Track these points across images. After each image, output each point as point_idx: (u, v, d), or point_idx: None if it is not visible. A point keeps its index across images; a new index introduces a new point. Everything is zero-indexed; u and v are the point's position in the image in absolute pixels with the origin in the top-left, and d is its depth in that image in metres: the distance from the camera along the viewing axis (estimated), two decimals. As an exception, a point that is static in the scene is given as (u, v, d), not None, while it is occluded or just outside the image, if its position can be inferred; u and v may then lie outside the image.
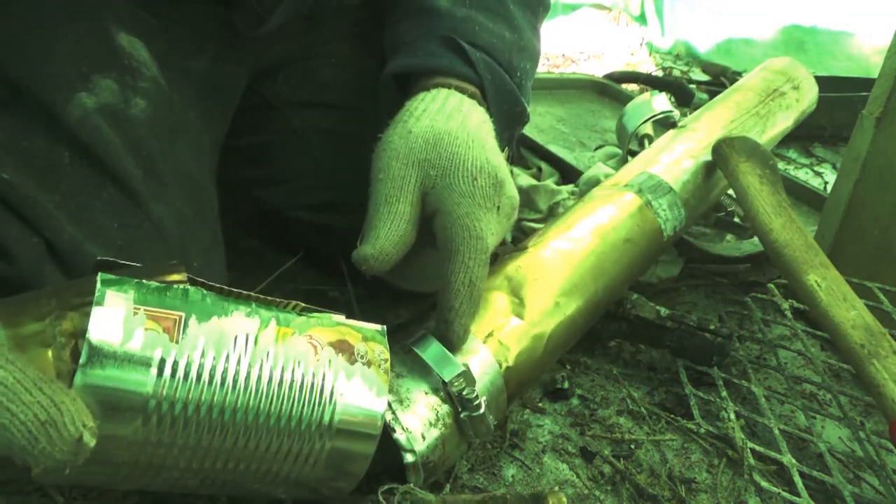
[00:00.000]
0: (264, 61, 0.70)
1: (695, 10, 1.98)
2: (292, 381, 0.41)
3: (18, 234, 0.47)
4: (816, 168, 1.28)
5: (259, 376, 0.40)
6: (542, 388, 0.65)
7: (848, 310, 0.57)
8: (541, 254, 0.60)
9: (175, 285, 0.40)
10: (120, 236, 0.50)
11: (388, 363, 0.44)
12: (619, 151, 1.01)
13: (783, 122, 0.85)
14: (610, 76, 1.47)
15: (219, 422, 0.39)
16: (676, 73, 1.88)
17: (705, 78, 1.78)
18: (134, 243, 0.50)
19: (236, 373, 0.39)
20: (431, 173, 0.50)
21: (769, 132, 0.83)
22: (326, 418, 0.42)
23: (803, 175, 1.24)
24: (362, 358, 0.43)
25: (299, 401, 0.41)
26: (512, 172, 0.93)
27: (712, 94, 1.12)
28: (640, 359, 0.71)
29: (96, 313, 0.37)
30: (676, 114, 0.92)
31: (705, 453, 0.59)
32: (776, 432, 0.59)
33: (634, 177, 0.71)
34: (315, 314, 0.44)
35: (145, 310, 0.38)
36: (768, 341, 0.71)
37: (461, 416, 0.49)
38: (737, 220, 0.95)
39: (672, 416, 0.63)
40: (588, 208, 0.67)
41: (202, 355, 0.39)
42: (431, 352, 0.50)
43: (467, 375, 0.49)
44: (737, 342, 0.71)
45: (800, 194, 1.03)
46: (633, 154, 0.87)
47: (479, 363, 0.51)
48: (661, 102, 0.92)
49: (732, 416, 0.61)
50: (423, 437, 0.47)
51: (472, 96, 0.55)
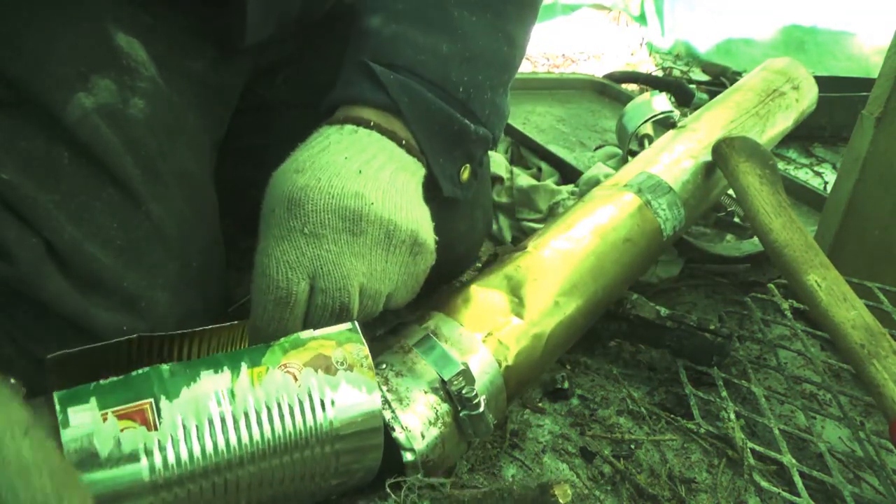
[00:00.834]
0: (263, 62, 0.70)
1: (695, 10, 1.98)
2: (282, 414, 0.41)
3: (18, 234, 0.47)
4: (816, 168, 1.28)
5: (248, 424, 0.40)
6: (542, 388, 0.65)
7: (848, 310, 0.57)
8: (541, 253, 0.60)
9: (134, 372, 0.40)
10: (120, 236, 0.50)
11: (369, 358, 0.45)
12: (619, 151, 1.01)
13: (783, 122, 0.85)
14: (610, 76, 1.47)
15: (223, 481, 0.40)
16: (676, 73, 1.88)
17: (705, 78, 1.78)
18: (134, 243, 0.50)
19: (224, 432, 0.40)
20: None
21: (769, 132, 0.83)
22: (326, 429, 0.42)
23: (803, 175, 1.24)
24: (342, 364, 0.44)
25: (295, 427, 0.42)
26: (512, 172, 0.93)
27: (712, 94, 1.12)
28: (640, 359, 0.71)
29: (66, 436, 0.37)
30: (676, 114, 0.92)
31: (705, 453, 0.59)
32: (776, 432, 0.59)
33: (634, 177, 0.71)
34: (282, 340, 0.44)
35: (112, 411, 0.38)
36: (768, 341, 0.71)
37: (461, 414, 0.49)
38: (737, 220, 0.95)
39: (672, 416, 0.63)
40: (588, 208, 0.67)
41: (185, 432, 0.39)
42: (431, 351, 0.50)
43: (467, 374, 0.49)
44: (737, 342, 0.71)
45: (800, 194, 1.03)
46: (633, 154, 0.88)
47: (479, 362, 0.51)
48: (661, 102, 0.93)
49: (732, 416, 0.61)
50: (423, 436, 0.47)
51: (375, 127, 0.53)
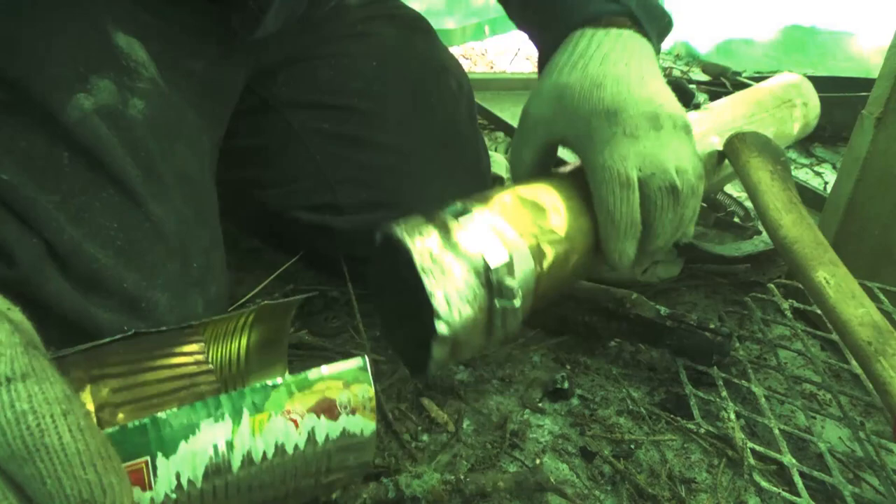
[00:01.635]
0: (263, 62, 0.70)
1: (695, 10, 1.98)
2: (276, 453, 0.41)
3: (18, 234, 0.47)
4: (816, 168, 1.28)
5: (241, 465, 0.40)
6: (542, 388, 0.65)
7: (856, 307, 0.57)
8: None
9: (129, 424, 0.38)
10: (120, 237, 0.50)
11: (373, 401, 0.44)
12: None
13: (791, 129, 0.85)
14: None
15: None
16: (676, 73, 1.88)
17: (705, 78, 1.78)
18: (134, 243, 0.50)
19: (225, 484, 0.40)
20: (557, 127, 0.55)
21: (781, 131, 0.82)
22: (323, 468, 0.43)
23: (803, 175, 1.24)
24: (346, 409, 0.43)
25: (293, 471, 0.42)
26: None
27: (712, 94, 1.12)
28: (640, 359, 0.71)
29: None
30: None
31: (705, 453, 0.59)
32: (776, 432, 0.59)
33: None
34: (289, 380, 0.43)
35: None
36: (768, 341, 0.71)
37: (495, 303, 0.48)
38: (737, 220, 0.95)
39: (672, 416, 0.63)
40: None
41: (179, 487, 0.38)
42: (481, 236, 0.49)
43: (510, 266, 0.48)
44: (737, 342, 0.71)
45: (800, 194, 1.02)
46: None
47: (519, 259, 0.50)
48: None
49: (732, 415, 0.61)
50: (460, 313, 0.46)
51: (632, 28, 0.56)
